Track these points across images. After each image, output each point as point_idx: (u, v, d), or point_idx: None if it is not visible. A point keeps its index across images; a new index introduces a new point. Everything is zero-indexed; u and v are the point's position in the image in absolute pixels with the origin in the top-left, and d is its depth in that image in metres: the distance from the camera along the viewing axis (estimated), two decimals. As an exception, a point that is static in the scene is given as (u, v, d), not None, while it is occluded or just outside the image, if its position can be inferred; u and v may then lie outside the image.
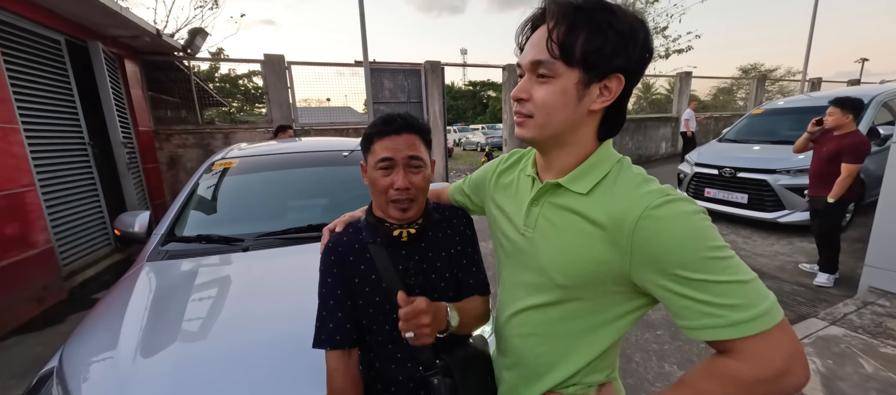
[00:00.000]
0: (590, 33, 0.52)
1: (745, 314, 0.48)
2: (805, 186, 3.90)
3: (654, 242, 0.51)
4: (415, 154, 0.74)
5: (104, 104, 4.16)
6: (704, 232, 0.50)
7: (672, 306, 0.53)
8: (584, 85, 0.55)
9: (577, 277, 0.60)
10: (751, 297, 0.48)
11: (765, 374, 0.48)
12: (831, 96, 4.93)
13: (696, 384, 0.54)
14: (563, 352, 0.66)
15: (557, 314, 0.65)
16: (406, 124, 0.74)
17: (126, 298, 1.21)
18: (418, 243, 0.79)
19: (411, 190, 0.74)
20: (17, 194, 2.89)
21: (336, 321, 0.76)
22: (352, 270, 0.78)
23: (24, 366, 2.30)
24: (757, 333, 0.48)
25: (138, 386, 0.87)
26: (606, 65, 0.54)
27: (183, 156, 5.66)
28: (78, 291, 3.36)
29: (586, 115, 0.58)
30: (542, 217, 0.64)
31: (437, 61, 6.88)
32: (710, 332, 0.50)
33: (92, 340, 1.07)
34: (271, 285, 1.29)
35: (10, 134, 2.88)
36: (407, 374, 0.78)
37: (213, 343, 1.02)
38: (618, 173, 0.59)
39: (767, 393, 0.49)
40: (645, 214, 0.52)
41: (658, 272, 0.52)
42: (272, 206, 1.85)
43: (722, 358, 0.52)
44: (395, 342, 0.78)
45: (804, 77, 10.83)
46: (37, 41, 3.35)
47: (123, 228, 1.67)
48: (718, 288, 0.48)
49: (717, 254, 0.49)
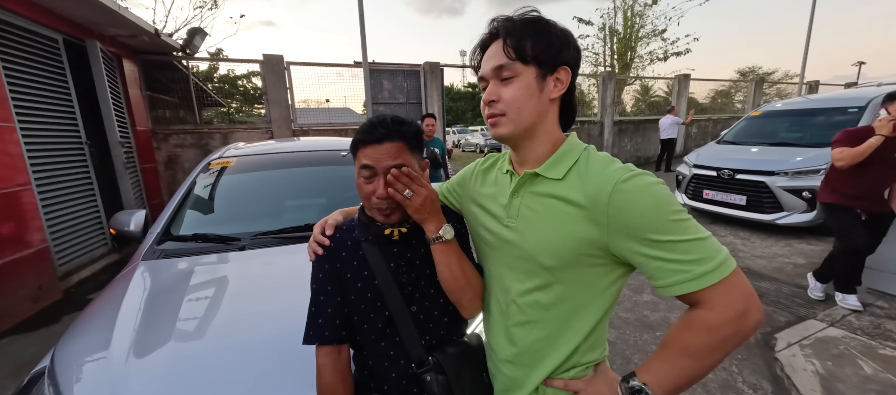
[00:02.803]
0: (536, 37, 0.64)
1: (707, 267, 0.56)
2: (803, 187, 3.92)
3: (626, 212, 0.59)
4: (397, 163, 0.72)
5: (101, 103, 4.14)
6: (666, 199, 0.59)
7: (647, 268, 0.60)
8: (541, 78, 0.65)
9: (561, 256, 0.65)
10: (708, 251, 0.57)
11: (729, 315, 0.56)
12: (830, 98, 4.97)
13: (676, 339, 0.62)
14: (557, 334, 0.70)
15: (548, 299, 0.69)
16: (388, 133, 0.72)
17: (120, 297, 1.19)
18: (411, 242, 0.79)
19: (393, 198, 0.73)
20: (12, 194, 2.87)
21: (326, 317, 0.76)
22: (344, 266, 0.78)
23: (18, 366, 2.28)
24: (718, 281, 0.56)
25: (130, 387, 0.86)
26: (554, 59, 0.65)
27: (181, 156, 5.64)
28: (74, 291, 3.33)
29: (548, 104, 0.67)
30: (523, 206, 0.70)
31: (437, 62, 6.88)
32: (681, 287, 0.57)
33: (84, 339, 1.05)
34: (267, 285, 1.28)
35: (6, 133, 2.86)
36: (400, 371, 0.77)
37: (207, 343, 1.01)
38: (587, 159, 0.67)
39: (733, 334, 0.57)
40: (616, 188, 0.59)
41: (632, 239, 0.59)
42: (269, 205, 1.84)
43: (694, 311, 0.60)
44: (388, 339, 0.77)
45: (801, 80, 10.89)
46: (34, 40, 3.33)
47: (119, 227, 1.65)
48: (683, 246, 0.57)
49: (679, 217, 0.58)
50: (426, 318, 0.78)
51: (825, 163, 3.92)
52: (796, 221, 4.00)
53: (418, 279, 0.78)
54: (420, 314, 0.78)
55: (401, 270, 0.77)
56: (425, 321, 0.78)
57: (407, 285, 0.77)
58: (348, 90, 7.50)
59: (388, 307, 0.76)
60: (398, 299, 0.76)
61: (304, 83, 6.30)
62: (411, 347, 0.75)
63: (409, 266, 0.78)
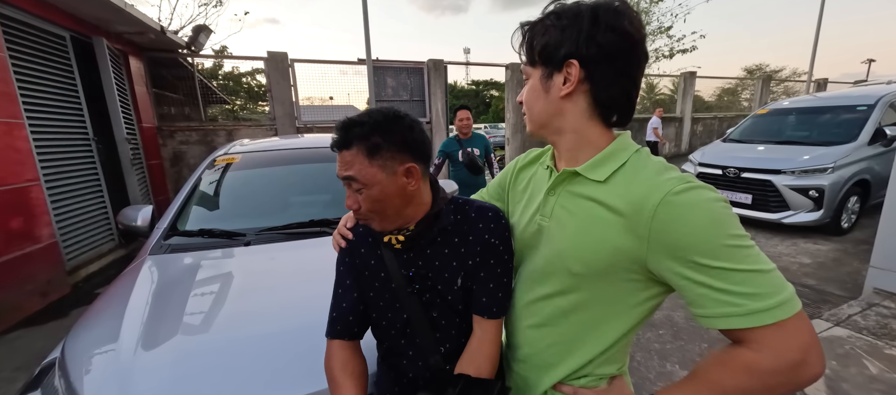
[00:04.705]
0: (538, 36, 0.63)
1: (763, 303, 0.48)
2: (810, 186, 3.89)
3: (672, 228, 0.52)
4: (346, 175, 0.65)
5: (108, 100, 4.18)
6: (725, 220, 0.51)
7: (688, 294, 0.53)
8: (547, 77, 0.63)
9: (591, 264, 0.60)
10: (769, 286, 0.48)
11: (780, 364, 0.48)
12: (838, 96, 4.91)
13: (708, 375, 0.54)
14: (573, 343, 0.66)
15: (568, 304, 0.65)
16: (342, 139, 0.65)
17: (128, 291, 1.21)
18: (424, 250, 0.73)
19: (361, 211, 0.68)
20: (21, 189, 2.91)
21: (340, 312, 0.76)
22: (362, 262, 0.77)
23: (28, 358, 2.32)
24: (774, 322, 0.47)
25: (139, 378, 0.87)
26: (556, 55, 0.60)
27: (186, 153, 5.68)
28: (81, 285, 3.38)
29: (560, 101, 0.63)
30: (558, 206, 0.66)
31: (440, 60, 6.87)
32: (726, 320, 0.49)
33: (94, 332, 1.07)
34: (273, 280, 1.29)
35: (15, 129, 2.90)
36: (416, 372, 0.76)
37: (214, 336, 1.02)
38: (637, 162, 0.61)
39: (780, 384, 0.49)
40: (665, 200, 0.52)
41: (676, 259, 0.52)
42: (274, 201, 1.85)
43: (737, 348, 0.51)
44: (408, 339, 0.76)
45: (809, 77, 10.76)
46: (42, 37, 3.37)
47: (126, 222, 1.67)
48: (737, 276, 0.49)
49: (737, 243, 0.50)
50: (447, 324, 0.75)
51: (833, 162, 3.89)
52: (802, 220, 3.97)
53: (431, 289, 0.74)
54: (441, 320, 0.75)
55: (413, 279, 0.74)
56: (446, 327, 0.75)
57: (422, 292, 0.74)
58: (352, 88, 7.58)
59: (405, 311, 0.74)
60: (415, 304, 0.73)
61: (307, 81, 6.32)
62: (428, 353, 0.74)
63: (422, 274, 0.73)
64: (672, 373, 2.04)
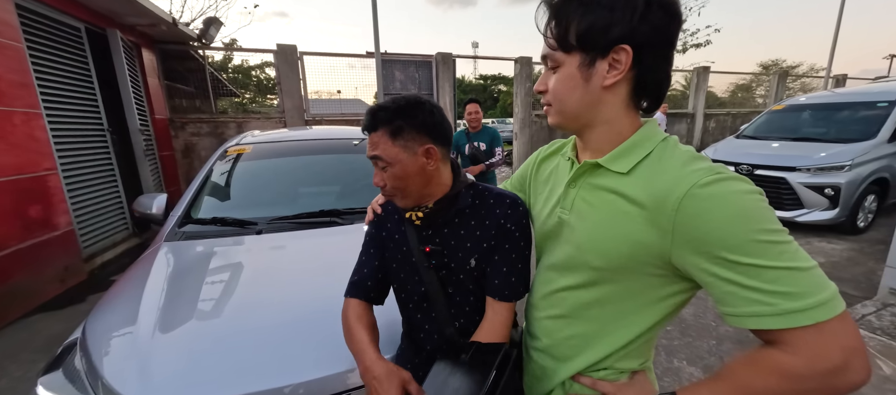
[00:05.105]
0: (579, 16, 0.54)
1: (798, 303, 0.44)
2: (826, 184, 3.80)
3: (698, 222, 0.48)
4: (374, 154, 0.72)
5: (122, 92, 4.25)
6: (757, 213, 0.47)
7: (715, 291, 0.50)
8: (588, 65, 0.56)
9: (612, 258, 0.58)
10: (806, 285, 0.45)
11: (817, 368, 0.44)
12: (857, 92, 4.77)
13: (735, 375, 0.50)
14: (594, 335, 0.65)
15: (590, 297, 0.63)
16: (370, 122, 0.72)
17: (145, 276, 1.24)
18: (441, 229, 0.78)
19: (386, 188, 0.74)
20: (40, 178, 2.98)
21: (360, 276, 0.84)
22: (388, 236, 0.84)
23: (48, 340, 2.39)
24: (811, 324, 0.44)
25: (157, 360, 0.90)
26: (604, 40, 0.53)
27: (197, 144, 5.76)
28: (97, 272, 3.47)
29: (601, 91, 0.57)
30: (579, 198, 0.64)
31: (449, 53, 6.83)
32: (757, 320, 0.46)
33: (113, 315, 1.10)
34: (284, 267, 1.31)
35: (33, 119, 2.96)
36: (433, 345, 0.81)
37: (228, 322, 1.04)
38: (663, 152, 0.57)
39: (817, 389, 0.45)
40: (690, 192, 0.49)
41: (701, 255, 0.49)
42: (285, 191, 1.88)
43: (768, 349, 0.48)
44: (424, 312, 0.81)
45: (828, 73, 10.46)
46: (59, 29, 3.43)
47: (141, 209, 1.71)
48: (769, 274, 0.45)
49: (771, 238, 0.46)
50: (461, 301, 0.80)
51: (850, 159, 3.80)
52: (817, 219, 3.89)
53: (446, 267, 0.78)
54: (456, 296, 0.80)
55: (430, 253, 0.78)
56: (460, 304, 0.80)
57: (438, 268, 0.78)
58: (359, 81, 7.58)
59: (423, 284, 0.79)
60: (432, 278, 0.78)
61: (315, 74, 6.34)
62: (444, 325, 0.78)
63: (438, 251, 0.78)
64: (679, 369, 2.02)
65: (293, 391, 0.83)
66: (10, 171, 2.72)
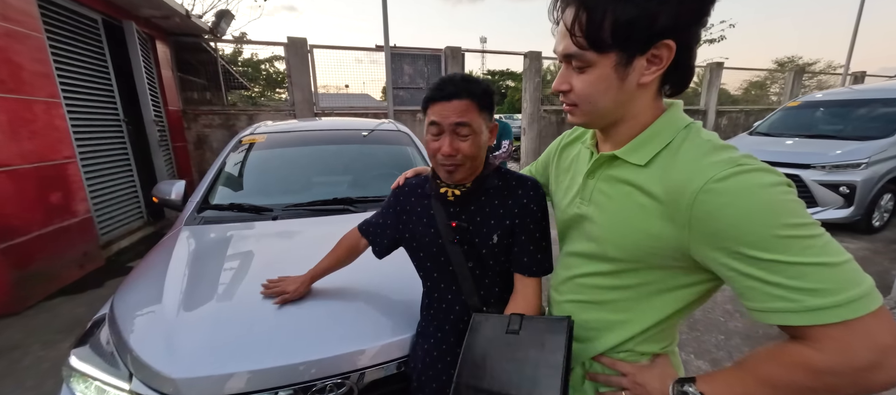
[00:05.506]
0: (615, 10, 0.48)
1: (827, 300, 0.42)
2: (841, 182, 3.74)
3: (715, 217, 0.47)
4: (462, 121, 0.73)
5: (137, 83, 4.32)
6: (780, 207, 0.44)
7: (736, 285, 0.48)
8: (625, 64, 0.51)
9: (630, 251, 0.58)
10: (835, 281, 0.42)
11: (846, 366, 0.42)
12: (876, 89, 4.65)
13: (759, 367, 0.48)
14: (614, 320, 0.65)
15: (610, 284, 0.64)
16: (458, 90, 0.73)
17: (168, 256, 1.28)
18: (468, 206, 0.82)
19: (457, 156, 0.75)
20: (60, 165, 3.07)
21: (372, 225, 0.98)
22: (408, 210, 0.90)
23: (69, 322, 2.48)
24: (839, 321, 0.42)
25: (182, 334, 0.94)
26: (645, 36, 0.49)
27: (209, 136, 5.84)
28: (114, 259, 3.56)
29: (636, 88, 0.54)
30: (596, 190, 0.63)
31: (458, 47, 6.80)
32: (781, 316, 0.44)
33: (139, 292, 1.15)
34: (299, 251, 1.34)
35: (53, 108, 3.04)
36: (456, 316, 0.84)
37: (248, 301, 1.07)
38: (682, 141, 0.54)
39: (844, 386, 0.43)
40: (706, 187, 0.47)
41: (720, 250, 0.47)
42: (299, 179, 1.92)
43: (794, 344, 0.46)
44: (447, 283, 0.85)
45: (846, 70, 10.21)
46: (77, 20, 3.50)
47: (161, 195, 1.76)
48: (793, 270, 0.43)
49: (796, 232, 0.44)
50: (481, 274, 0.83)
51: (867, 157, 3.72)
52: (831, 217, 3.83)
53: (470, 243, 0.81)
54: (476, 270, 0.83)
55: (456, 228, 0.81)
56: (480, 277, 0.83)
57: (462, 243, 0.81)
58: (367, 76, 7.61)
59: (448, 255, 0.82)
60: (457, 250, 0.81)
61: (323, 69, 6.37)
62: (468, 295, 0.82)
63: (463, 228, 0.81)
64: (687, 362, 2.03)
65: (307, 368, 0.86)
66: (33, 158, 2.80)
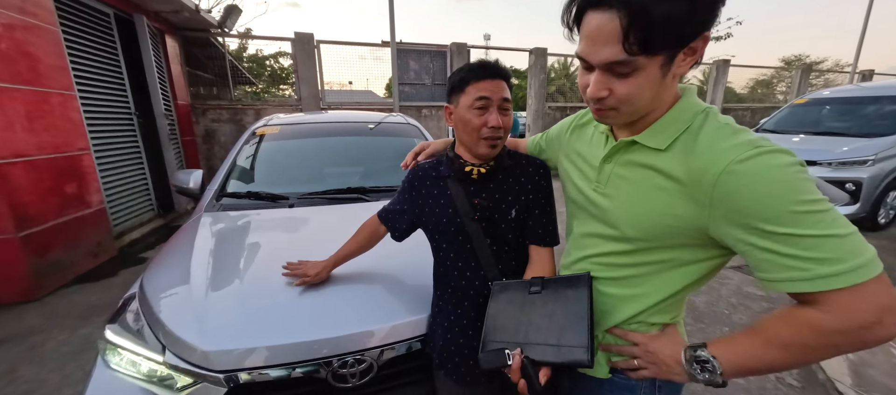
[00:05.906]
0: (670, 13, 0.47)
1: (834, 268, 0.46)
2: (847, 179, 3.74)
3: (736, 197, 0.50)
4: (507, 96, 0.82)
5: (148, 76, 4.38)
6: (796, 185, 0.48)
7: (751, 258, 0.51)
8: (670, 62, 0.53)
9: (648, 230, 0.60)
10: (842, 251, 0.46)
11: (849, 325, 0.47)
12: (884, 86, 4.63)
13: (768, 329, 0.53)
14: (629, 294, 0.67)
15: (626, 261, 0.66)
16: (498, 71, 0.81)
17: (191, 239, 1.33)
18: (487, 185, 0.87)
19: (502, 129, 0.81)
20: (75, 157, 3.13)
21: (389, 212, 1.02)
22: (424, 194, 0.93)
23: (85, 309, 2.54)
24: (845, 286, 0.46)
25: (212, 310, 0.98)
26: (691, 34, 0.50)
27: (217, 130, 5.90)
28: (126, 250, 3.63)
29: (671, 80, 0.56)
30: (614, 175, 0.65)
31: (463, 43, 6.82)
32: (792, 284, 0.48)
33: (167, 272, 1.19)
34: (317, 236, 1.39)
35: (68, 100, 3.10)
36: (477, 289, 0.88)
37: (271, 283, 1.12)
38: (701, 125, 0.56)
39: (845, 343, 0.48)
40: (728, 169, 0.50)
41: (739, 227, 0.51)
42: (312, 169, 1.97)
43: (802, 307, 0.50)
44: (465, 260, 0.88)
45: (854, 68, 10.13)
46: (89, 14, 3.55)
47: (179, 183, 1.81)
48: (806, 242, 0.47)
49: (809, 208, 0.47)
50: (498, 250, 0.87)
51: (874, 154, 3.72)
52: (836, 214, 3.83)
53: (490, 219, 0.85)
54: (494, 246, 0.87)
55: (476, 207, 0.85)
56: (497, 252, 0.87)
57: (481, 220, 0.85)
58: (371, 73, 7.69)
59: (470, 240, 0.86)
60: (477, 230, 0.85)
61: (329, 65, 6.41)
62: (487, 268, 0.86)
63: (484, 205, 0.85)
64: (692, 353, 2.06)
65: (323, 344, 0.91)
66: (49, 149, 2.86)
